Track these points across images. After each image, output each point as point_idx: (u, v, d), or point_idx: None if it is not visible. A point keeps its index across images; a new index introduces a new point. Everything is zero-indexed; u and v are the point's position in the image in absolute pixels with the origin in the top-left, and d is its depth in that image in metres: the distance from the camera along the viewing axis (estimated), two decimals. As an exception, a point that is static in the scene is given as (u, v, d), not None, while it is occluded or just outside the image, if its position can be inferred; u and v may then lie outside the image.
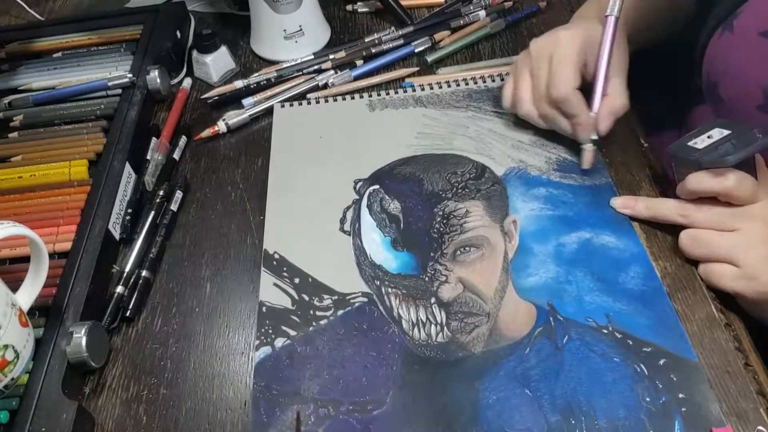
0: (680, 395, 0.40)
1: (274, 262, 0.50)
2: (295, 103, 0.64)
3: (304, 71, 0.68)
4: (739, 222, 0.44)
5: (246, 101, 0.65)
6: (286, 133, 0.61)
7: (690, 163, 0.46)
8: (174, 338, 0.48)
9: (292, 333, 0.46)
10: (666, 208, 0.49)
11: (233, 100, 0.66)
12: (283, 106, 0.64)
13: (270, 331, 0.46)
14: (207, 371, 0.46)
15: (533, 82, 0.54)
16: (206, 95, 0.67)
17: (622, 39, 0.54)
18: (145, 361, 0.47)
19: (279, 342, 0.46)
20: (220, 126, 0.63)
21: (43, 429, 0.41)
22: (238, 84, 0.67)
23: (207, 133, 0.63)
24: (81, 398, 0.45)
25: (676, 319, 0.44)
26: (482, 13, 0.72)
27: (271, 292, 0.49)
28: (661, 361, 0.42)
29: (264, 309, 0.48)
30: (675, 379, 0.41)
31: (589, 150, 0.53)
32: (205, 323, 0.49)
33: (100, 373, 0.46)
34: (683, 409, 0.40)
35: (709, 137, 0.46)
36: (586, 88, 0.52)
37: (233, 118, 0.63)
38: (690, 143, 0.47)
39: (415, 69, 0.67)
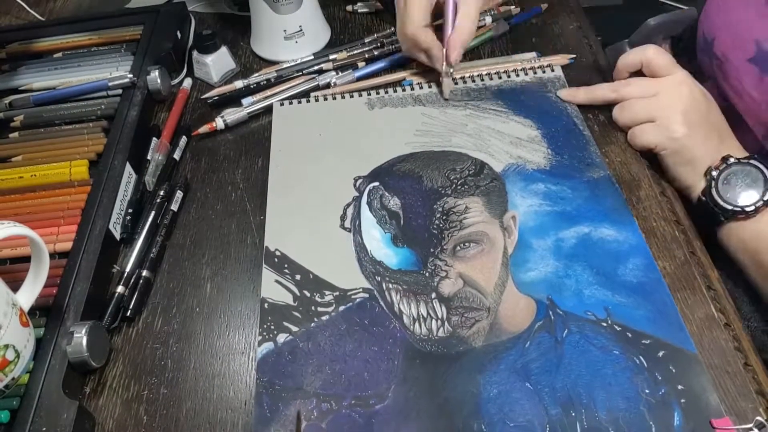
0: (679, 387, 0.41)
1: (276, 259, 0.51)
2: (295, 101, 0.65)
3: (304, 71, 0.68)
4: (657, 88, 0.54)
5: (245, 100, 0.65)
6: (286, 131, 0.62)
7: (619, 50, 0.58)
8: (174, 338, 0.48)
9: (294, 329, 0.46)
10: (600, 89, 0.58)
11: (233, 100, 0.67)
12: (282, 105, 0.64)
13: (272, 327, 0.46)
14: (207, 371, 0.46)
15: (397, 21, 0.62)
16: (206, 95, 0.67)
17: None
18: (146, 361, 0.47)
19: (281, 338, 0.46)
20: (218, 123, 0.63)
21: (44, 429, 0.41)
22: (238, 84, 0.67)
23: (204, 129, 0.63)
24: (81, 398, 0.45)
25: (676, 311, 0.45)
26: (488, 18, 0.71)
27: (273, 288, 0.49)
28: (661, 353, 0.42)
29: (266, 305, 0.48)
30: (674, 370, 0.42)
31: (445, 80, 0.61)
32: (206, 323, 0.49)
33: (100, 373, 0.46)
34: (682, 401, 0.40)
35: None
36: None
37: (231, 115, 0.64)
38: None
39: (416, 70, 0.67)
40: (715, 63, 0.57)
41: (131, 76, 0.66)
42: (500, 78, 0.64)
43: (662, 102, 0.53)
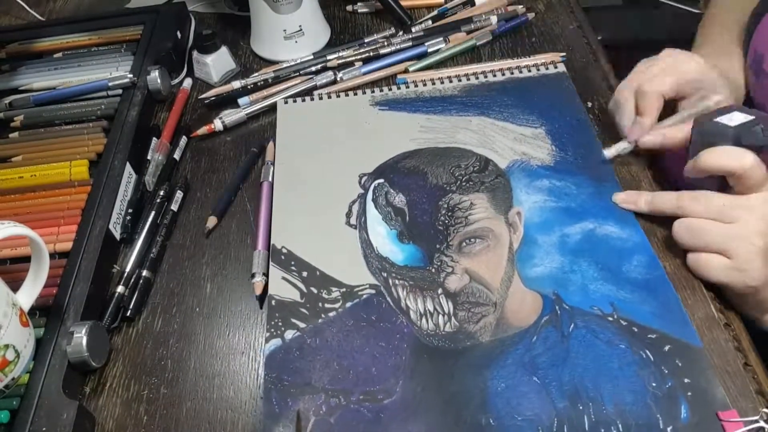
0: (686, 380, 0.41)
1: (282, 257, 0.51)
2: (298, 99, 0.65)
3: (302, 72, 0.68)
4: (736, 214, 0.44)
5: (241, 100, 0.65)
6: (290, 129, 0.62)
7: (720, 137, 0.45)
8: (174, 338, 0.48)
9: (302, 325, 0.46)
10: (664, 201, 0.49)
11: (232, 101, 0.66)
12: (286, 102, 0.64)
13: (280, 324, 0.47)
14: (207, 371, 0.46)
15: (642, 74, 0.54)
16: (204, 95, 0.67)
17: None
18: (146, 361, 0.47)
19: (289, 334, 0.46)
20: (216, 124, 0.63)
21: (44, 429, 0.41)
22: (236, 84, 0.67)
23: (203, 130, 0.63)
24: (81, 398, 0.45)
25: (680, 306, 0.45)
26: (494, 18, 0.71)
27: (280, 285, 0.49)
28: (666, 347, 0.43)
29: (273, 302, 0.48)
30: (680, 364, 0.42)
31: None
32: (206, 323, 0.49)
33: (100, 373, 0.46)
34: (689, 394, 0.40)
35: (733, 118, 0.46)
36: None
37: (230, 116, 0.64)
38: (719, 119, 0.46)
39: (421, 63, 0.67)
40: (763, 80, 0.55)
41: (131, 76, 0.66)
42: (503, 75, 0.64)
43: (740, 234, 0.43)
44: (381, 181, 0.55)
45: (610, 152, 0.54)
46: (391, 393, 0.42)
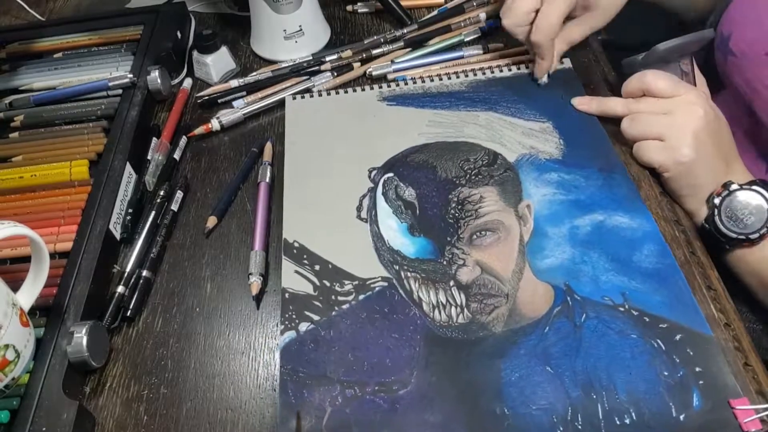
0: (697, 369, 0.41)
1: (294, 251, 0.51)
2: (306, 95, 0.65)
3: (302, 72, 0.68)
4: (669, 107, 0.52)
5: (236, 103, 0.65)
6: (298, 124, 0.62)
7: (633, 69, 0.56)
8: (174, 338, 0.48)
9: (316, 318, 0.47)
10: (612, 102, 0.57)
11: (229, 101, 0.66)
12: (294, 98, 0.65)
13: (294, 317, 0.47)
14: (207, 371, 0.46)
15: (523, 1, 0.56)
16: (200, 93, 0.67)
17: None
18: (146, 361, 0.47)
19: (303, 326, 0.46)
20: (214, 124, 0.63)
21: (44, 428, 0.41)
22: (233, 83, 0.67)
23: (200, 130, 0.63)
24: (81, 398, 0.45)
25: (691, 296, 0.45)
26: (482, 15, 0.71)
27: (293, 279, 0.49)
28: (678, 336, 0.43)
29: (287, 295, 0.48)
30: (692, 353, 0.42)
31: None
32: (206, 323, 0.49)
33: (100, 373, 0.46)
34: (701, 382, 0.41)
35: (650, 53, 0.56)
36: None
37: (227, 116, 0.64)
38: (632, 57, 0.57)
39: (407, 56, 0.67)
40: (730, 59, 0.57)
41: (131, 76, 0.66)
42: (510, 70, 0.64)
43: (674, 121, 0.51)
44: (390, 175, 0.56)
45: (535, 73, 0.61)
46: (406, 383, 0.43)
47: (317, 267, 0.50)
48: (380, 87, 0.65)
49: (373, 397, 0.42)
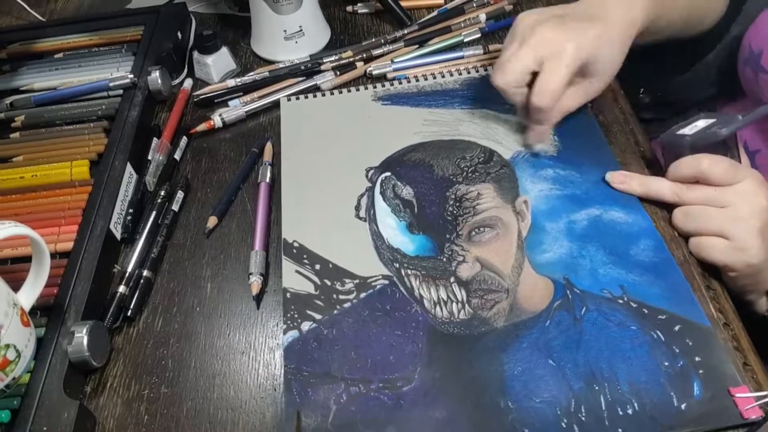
0: (697, 358, 0.42)
1: (294, 251, 0.51)
2: (301, 96, 0.65)
3: (299, 73, 0.68)
4: (728, 198, 0.47)
5: (232, 103, 0.66)
6: (294, 125, 0.62)
7: (679, 147, 0.49)
8: (175, 338, 0.48)
9: (318, 316, 0.47)
10: (659, 186, 0.51)
11: (225, 100, 0.67)
12: (289, 100, 0.65)
13: (296, 316, 0.47)
14: (207, 371, 0.46)
15: (519, 63, 0.51)
16: (198, 92, 0.67)
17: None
18: (146, 361, 0.47)
19: (305, 325, 0.47)
20: (216, 120, 0.63)
21: (45, 428, 0.41)
22: (231, 83, 0.67)
23: (202, 127, 0.63)
24: (82, 397, 0.45)
25: (688, 288, 0.46)
26: (483, 16, 0.72)
27: (294, 278, 0.49)
28: (677, 327, 0.44)
29: (288, 295, 0.48)
30: (691, 343, 0.43)
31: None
32: (206, 323, 0.49)
33: (101, 373, 0.47)
34: (701, 371, 0.41)
35: (695, 126, 0.49)
36: None
37: (229, 112, 0.64)
38: (679, 132, 0.50)
39: (404, 56, 0.67)
40: (762, 77, 0.56)
41: (132, 76, 0.66)
42: None
43: (738, 216, 0.46)
44: (388, 174, 0.56)
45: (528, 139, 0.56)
46: (410, 380, 0.43)
47: (317, 266, 0.50)
48: (375, 87, 0.65)
49: (377, 394, 0.43)
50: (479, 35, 0.70)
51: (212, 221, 0.55)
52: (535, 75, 0.51)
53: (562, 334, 0.44)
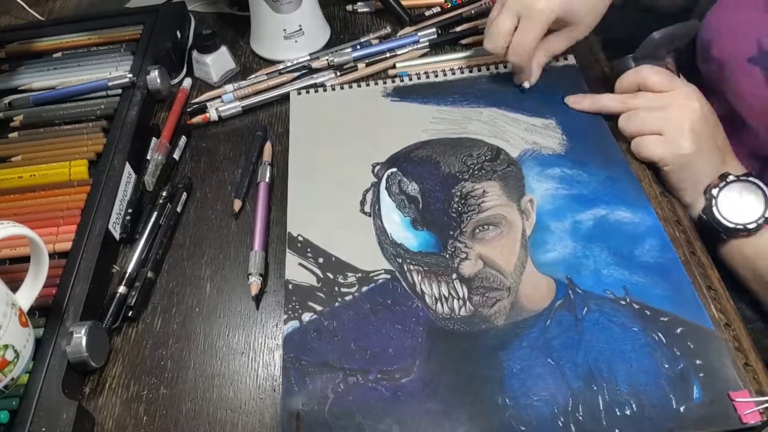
0: (697, 361, 0.42)
1: (299, 244, 0.51)
2: (311, 90, 0.66)
3: (296, 77, 0.68)
4: (665, 101, 0.53)
5: (226, 97, 0.66)
6: (303, 119, 0.62)
7: (626, 68, 0.57)
8: (174, 338, 0.48)
9: (319, 308, 0.47)
10: (607, 99, 0.57)
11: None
12: (299, 93, 0.65)
13: (297, 307, 0.47)
14: (207, 371, 0.46)
15: (501, 26, 0.56)
16: (195, 100, 0.67)
17: None
18: (145, 361, 0.47)
19: (306, 316, 0.47)
20: (212, 114, 0.64)
21: (43, 429, 0.41)
22: (229, 88, 0.67)
23: (198, 119, 0.63)
24: (81, 398, 0.45)
25: (692, 289, 0.46)
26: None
27: (297, 271, 0.50)
28: (678, 330, 0.43)
29: (290, 286, 0.49)
30: (692, 346, 0.43)
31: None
32: (205, 323, 0.49)
33: (100, 373, 0.46)
34: (701, 375, 0.41)
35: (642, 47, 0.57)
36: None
37: (225, 105, 0.64)
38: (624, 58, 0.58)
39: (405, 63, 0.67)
40: (713, 67, 0.57)
41: (131, 75, 0.66)
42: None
43: (672, 115, 0.52)
44: (394, 170, 0.56)
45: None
46: (408, 372, 0.43)
47: (321, 259, 0.50)
48: (384, 83, 0.65)
49: (375, 384, 0.43)
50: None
51: (237, 204, 0.55)
52: None
53: (563, 333, 0.44)
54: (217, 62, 0.68)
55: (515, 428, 0.40)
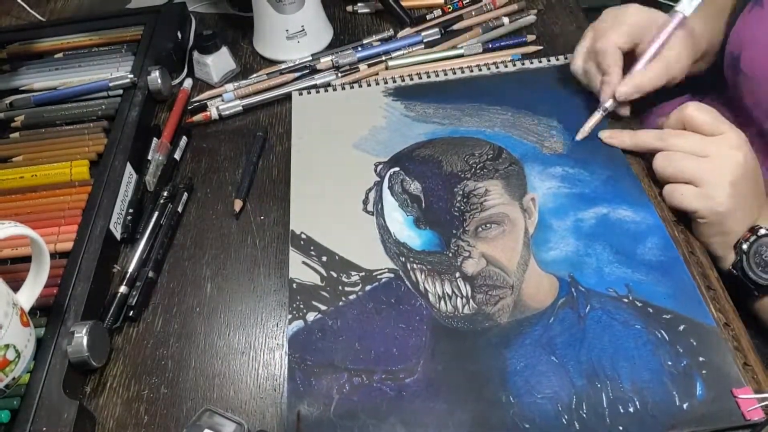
0: (700, 359, 0.42)
1: (302, 242, 0.52)
2: (312, 90, 0.66)
3: (297, 78, 0.68)
4: (708, 148, 0.48)
5: (226, 96, 0.66)
6: (305, 119, 0.63)
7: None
8: (175, 338, 0.48)
9: (323, 307, 0.47)
10: (646, 136, 0.53)
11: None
12: (301, 94, 0.65)
13: (301, 306, 0.47)
14: (207, 371, 0.46)
15: (590, 35, 0.57)
16: (196, 98, 0.67)
17: (687, 40, 0.56)
18: (146, 361, 0.47)
19: (310, 316, 0.47)
20: (212, 112, 0.64)
21: (44, 428, 0.41)
22: (229, 87, 0.67)
23: (198, 117, 0.64)
24: (82, 397, 0.45)
25: (694, 287, 0.46)
26: (506, 19, 0.71)
27: (301, 269, 0.50)
28: (681, 327, 0.44)
29: (294, 285, 0.49)
30: (695, 343, 0.43)
31: (595, 116, 0.57)
32: (206, 323, 0.49)
33: (101, 373, 0.46)
34: (704, 372, 0.41)
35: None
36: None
37: (225, 104, 0.64)
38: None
39: (398, 61, 0.67)
40: (740, 79, 0.56)
41: (132, 76, 0.66)
42: (514, 65, 0.65)
43: (713, 166, 0.48)
44: (396, 169, 0.56)
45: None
46: (412, 372, 0.43)
47: (324, 258, 0.50)
48: (386, 82, 0.65)
49: (380, 384, 0.43)
50: (480, 50, 0.68)
51: (238, 204, 0.56)
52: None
53: (566, 331, 0.44)
54: (218, 63, 0.69)
55: (519, 426, 0.40)
